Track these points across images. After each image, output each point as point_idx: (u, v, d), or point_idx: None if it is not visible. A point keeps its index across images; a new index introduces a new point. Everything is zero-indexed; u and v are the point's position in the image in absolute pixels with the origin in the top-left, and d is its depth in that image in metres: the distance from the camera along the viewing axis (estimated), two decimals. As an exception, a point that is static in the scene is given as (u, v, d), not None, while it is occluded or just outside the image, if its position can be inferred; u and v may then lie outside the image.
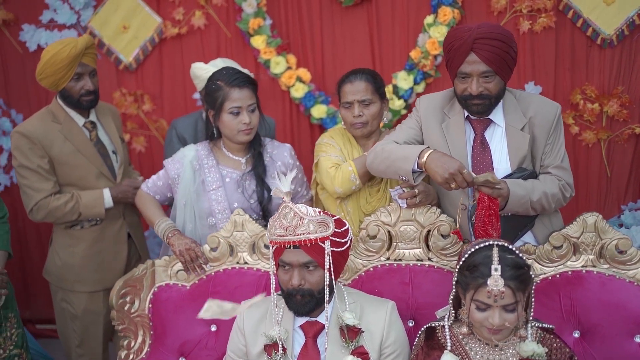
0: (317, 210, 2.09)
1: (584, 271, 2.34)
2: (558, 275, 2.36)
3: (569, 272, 2.35)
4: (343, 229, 2.10)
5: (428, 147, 2.32)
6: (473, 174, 2.21)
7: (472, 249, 1.99)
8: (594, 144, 3.59)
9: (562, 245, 2.36)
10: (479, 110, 2.34)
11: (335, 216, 2.12)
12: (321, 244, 2.03)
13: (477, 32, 2.23)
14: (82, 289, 3.01)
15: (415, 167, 2.28)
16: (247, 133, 2.65)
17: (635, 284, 2.30)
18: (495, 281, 1.88)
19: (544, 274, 2.37)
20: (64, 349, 3.17)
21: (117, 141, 3.07)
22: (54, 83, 2.85)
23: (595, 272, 2.34)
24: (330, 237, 2.04)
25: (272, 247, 2.11)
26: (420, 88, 3.69)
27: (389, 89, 3.70)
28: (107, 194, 2.93)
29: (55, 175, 2.90)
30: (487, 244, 1.97)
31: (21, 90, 4.03)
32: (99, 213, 2.92)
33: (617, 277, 2.32)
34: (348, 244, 2.12)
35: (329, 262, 2.04)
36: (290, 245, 2.04)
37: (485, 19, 3.57)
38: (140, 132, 4.04)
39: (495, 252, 1.91)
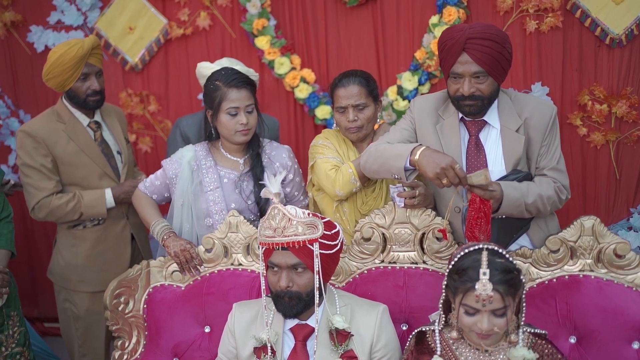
0: (307, 212, 2.07)
1: (581, 275, 2.29)
2: (555, 280, 2.31)
3: (566, 277, 2.30)
4: (333, 232, 2.07)
5: (421, 144, 2.28)
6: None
7: (462, 253, 1.96)
8: (603, 146, 3.52)
9: (559, 249, 2.31)
10: (471, 111, 2.30)
11: (325, 218, 2.09)
12: (310, 246, 2.00)
13: (470, 32, 2.20)
14: (85, 289, 3.03)
15: (408, 165, 2.25)
16: (245, 134, 2.64)
17: (634, 289, 2.24)
18: (484, 285, 1.84)
19: (540, 278, 2.32)
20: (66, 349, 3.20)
21: (122, 142, 3.09)
22: (61, 83, 2.87)
23: (592, 277, 2.29)
24: (319, 240, 2.02)
25: (262, 248, 2.09)
26: (424, 89, 3.65)
27: (393, 90, 3.67)
28: (108, 194, 2.95)
29: (59, 174, 2.92)
30: (476, 247, 1.94)
31: (29, 90, 4.08)
32: (101, 213, 2.94)
33: (615, 281, 2.26)
34: (338, 247, 2.09)
35: (318, 265, 2.02)
36: (278, 247, 2.02)
37: (491, 19, 3.52)
38: (146, 132, 4.06)
39: (484, 255, 1.87)
